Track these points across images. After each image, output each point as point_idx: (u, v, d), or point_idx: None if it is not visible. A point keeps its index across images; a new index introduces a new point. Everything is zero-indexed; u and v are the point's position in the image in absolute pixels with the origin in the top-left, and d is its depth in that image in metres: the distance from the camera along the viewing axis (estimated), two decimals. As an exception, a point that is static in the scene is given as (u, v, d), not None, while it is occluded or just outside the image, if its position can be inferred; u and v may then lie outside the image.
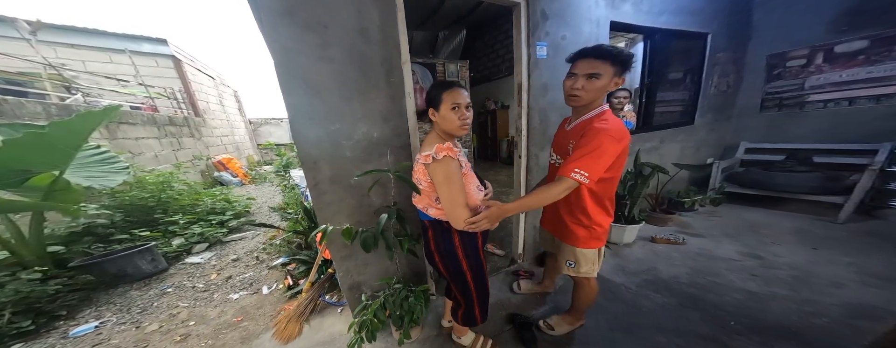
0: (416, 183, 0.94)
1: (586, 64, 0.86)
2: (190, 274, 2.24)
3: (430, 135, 0.92)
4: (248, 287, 2.00)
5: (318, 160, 1.17)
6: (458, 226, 0.85)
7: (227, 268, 2.30)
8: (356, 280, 1.43)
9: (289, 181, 3.33)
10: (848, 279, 1.55)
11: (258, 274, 2.16)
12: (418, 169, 0.90)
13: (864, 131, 2.39)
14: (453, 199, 0.82)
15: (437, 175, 0.82)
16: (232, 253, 2.57)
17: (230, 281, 2.09)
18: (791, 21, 2.60)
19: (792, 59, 2.70)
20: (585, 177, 0.81)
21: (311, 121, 1.12)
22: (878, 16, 2.23)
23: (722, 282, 1.60)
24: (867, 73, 2.38)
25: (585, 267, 1.09)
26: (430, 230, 0.98)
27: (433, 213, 0.94)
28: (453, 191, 0.82)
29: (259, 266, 2.29)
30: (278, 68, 1.03)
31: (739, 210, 2.59)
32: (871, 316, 1.28)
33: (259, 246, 2.65)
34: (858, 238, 1.97)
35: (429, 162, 0.82)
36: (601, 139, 0.82)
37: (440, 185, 0.83)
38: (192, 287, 2.05)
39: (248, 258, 2.45)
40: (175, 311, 1.76)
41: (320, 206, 1.22)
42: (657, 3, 2.05)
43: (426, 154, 0.82)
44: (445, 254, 0.97)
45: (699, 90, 2.62)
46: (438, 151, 0.80)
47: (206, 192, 3.61)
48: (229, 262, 2.40)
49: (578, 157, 0.83)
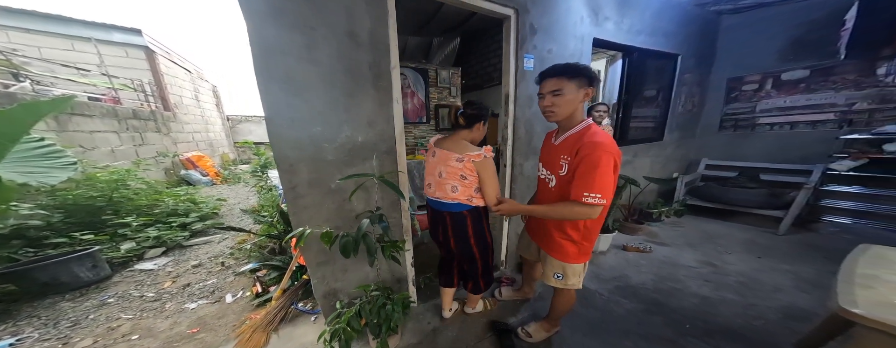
0: (460, 178, 1.13)
1: (548, 83, 0.95)
2: (139, 282, 2.04)
3: (456, 141, 1.16)
4: (210, 295, 1.86)
5: (297, 162, 1.12)
6: (491, 202, 1.12)
7: (185, 275, 2.12)
8: (332, 287, 1.38)
9: (266, 182, 3.15)
10: (785, 285, 1.74)
11: (222, 282, 2.01)
12: (465, 166, 1.10)
13: (803, 153, 2.70)
14: (495, 186, 1.12)
15: (487, 169, 1.10)
16: (193, 258, 2.38)
17: (188, 290, 1.93)
18: (749, 48, 2.87)
19: (747, 84, 2.99)
20: (600, 199, 0.85)
21: (292, 122, 1.08)
22: (817, 48, 2.52)
23: (681, 288, 1.74)
24: (806, 99, 2.69)
25: (573, 280, 1.11)
26: (469, 218, 1.19)
27: (475, 202, 1.16)
28: (495, 179, 1.11)
29: (224, 272, 2.14)
30: (258, 67, 0.98)
31: (699, 221, 2.82)
32: (800, 318, 1.45)
33: (226, 250, 2.47)
34: (795, 248, 2.21)
35: (479, 159, 1.08)
36: (597, 157, 0.85)
37: (488, 177, 1.10)
38: (140, 296, 1.86)
39: (211, 263, 2.28)
40: (115, 324, 1.58)
41: (296, 210, 1.17)
42: (636, 23, 2.19)
43: (477, 153, 1.08)
44: (480, 236, 1.22)
45: (669, 108, 2.82)
46: (487, 152, 1.09)
47: (169, 192, 3.33)
48: (188, 269, 2.21)
49: (586, 181, 0.86)
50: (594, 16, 1.92)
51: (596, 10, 1.92)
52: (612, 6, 2.00)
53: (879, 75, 2.16)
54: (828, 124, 2.62)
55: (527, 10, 1.60)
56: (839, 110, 2.55)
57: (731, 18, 2.88)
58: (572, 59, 1.90)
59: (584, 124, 0.97)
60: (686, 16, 2.57)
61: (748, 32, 2.85)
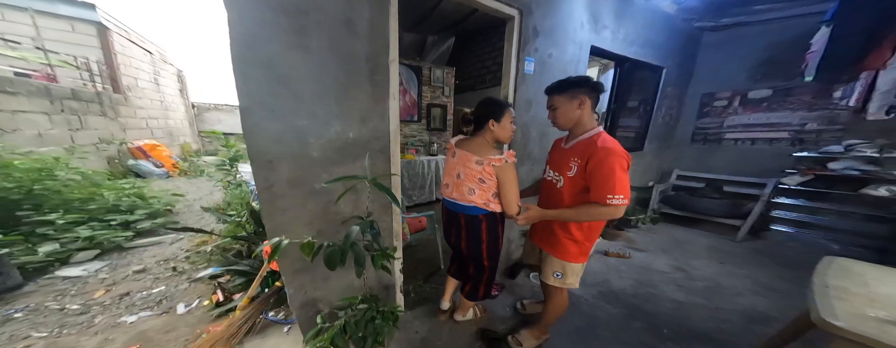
0: (478, 181, 1.09)
1: (548, 100, 1.06)
2: (60, 291, 1.73)
3: (477, 142, 1.11)
4: (156, 305, 1.63)
5: (277, 158, 0.99)
6: (511, 211, 1.08)
7: (123, 283, 1.84)
8: (311, 296, 1.27)
9: (235, 177, 2.84)
10: (745, 289, 1.89)
11: (173, 290, 1.78)
12: (484, 169, 1.06)
13: (760, 167, 2.96)
14: (515, 193, 1.07)
15: (508, 174, 1.05)
16: (136, 262, 2.08)
17: (126, 300, 1.67)
18: (723, 65, 3.07)
19: (718, 99, 3.20)
20: (623, 200, 0.89)
21: (273, 113, 0.94)
22: (782, 69, 2.73)
23: (657, 293, 1.83)
24: (767, 118, 2.94)
25: (571, 279, 1.14)
26: (485, 222, 1.16)
27: (492, 207, 1.12)
28: (516, 187, 1.07)
29: (176, 278, 1.89)
30: (236, 51, 0.84)
31: (671, 228, 3.01)
32: (760, 321, 1.58)
33: (179, 253, 2.20)
34: (751, 254, 2.43)
35: (500, 164, 1.04)
36: (612, 162, 0.89)
37: (507, 182, 1.05)
38: (61, 309, 1.57)
39: (160, 268, 2.00)
40: (21, 345, 1.32)
41: (271, 213, 1.04)
42: (631, 34, 2.23)
43: (499, 157, 1.04)
44: (493, 242, 1.20)
45: (650, 119, 2.95)
46: (509, 157, 1.05)
47: (110, 185, 2.87)
48: (129, 275, 1.92)
49: (608, 185, 0.89)
50: (594, 23, 1.92)
51: (596, 18, 1.92)
52: (611, 15, 2.01)
53: (835, 98, 2.39)
54: (783, 142, 2.89)
55: (531, 12, 1.55)
56: (793, 129, 2.82)
57: (711, 35, 3.06)
58: (570, 66, 1.89)
59: (594, 131, 1.02)
60: (674, 29, 2.67)
61: (724, 50, 3.04)
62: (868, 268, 1.04)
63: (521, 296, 1.76)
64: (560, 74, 1.85)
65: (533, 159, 1.90)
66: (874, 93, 1.97)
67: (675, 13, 2.55)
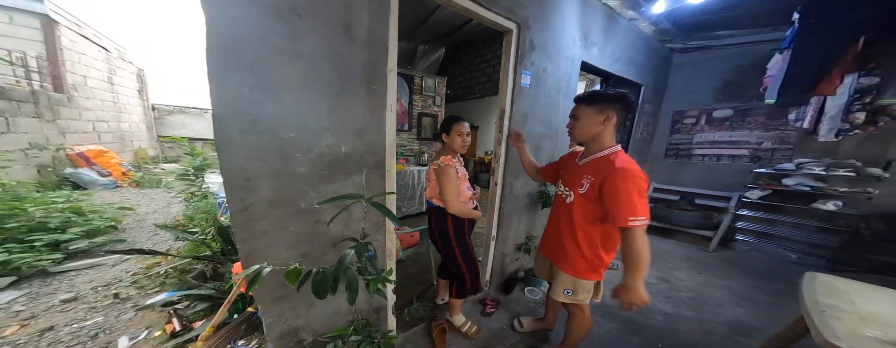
0: (426, 180, 1.38)
1: (574, 108, 1.06)
2: None
3: (438, 151, 1.35)
4: (90, 340, 1.37)
5: (256, 176, 0.86)
6: (451, 209, 1.25)
7: (45, 315, 1.54)
8: (293, 325, 1.12)
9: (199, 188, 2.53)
10: (724, 299, 1.98)
11: (113, 321, 1.51)
12: (429, 171, 1.36)
13: (726, 182, 3.20)
14: (449, 192, 1.24)
15: (441, 175, 1.23)
16: (65, 289, 1.76)
17: (48, 336, 1.39)
18: (691, 85, 3.32)
19: (687, 117, 3.45)
20: (644, 221, 0.87)
21: (254, 124, 0.82)
22: (740, 91, 3.00)
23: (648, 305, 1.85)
24: (729, 136, 3.20)
25: (582, 295, 1.11)
26: (433, 214, 1.37)
27: (436, 202, 1.34)
28: (450, 187, 1.23)
29: (118, 307, 1.62)
30: (213, 54, 0.73)
31: (653, 239, 3.08)
32: (743, 332, 1.63)
33: (123, 276, 1.89)
34: (723, 264, 2.58)
35: (436, 167, 1.26)
36: (629, 184, 0.87)
37: (443, 183, 1.24)
38: None
39: (97, 296, 1.71)
40: None
41: (248, 237, 0.90)
42: (616, 52, 2.33)
43: (436, 162, 1.27)
44: (441, 233, 1.36)
45: (630, 134, 3.09)
46: (444, 161, 1.24)
47: (37, 198, 2.44)
48: (54, 305, 1.61)
49: (628, 207, 0.87)
50: (584, 39, 1.98)
51: (586, 35, 1.98)
52: (599, 32, 2.09)
53: (789, 120, 2.66)
54: (743, 158, 3.15)
55: (528, 26, 1.56)
56: (751, 147, 3.09)
57: (681, 56, 3.31)
58: (563, 80, 1.92)
59: (612, 149, 0.99)
60: (651, 49, 2.85)
61: (692, 71, 3.30)
62: (851, 286, 1.09)
63: (517, 313, 1.70)
64: (554, 89, 1.87)
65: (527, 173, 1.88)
66: (823, 117, 2.21)
67: (651, 34, 2.73)
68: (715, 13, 2.41)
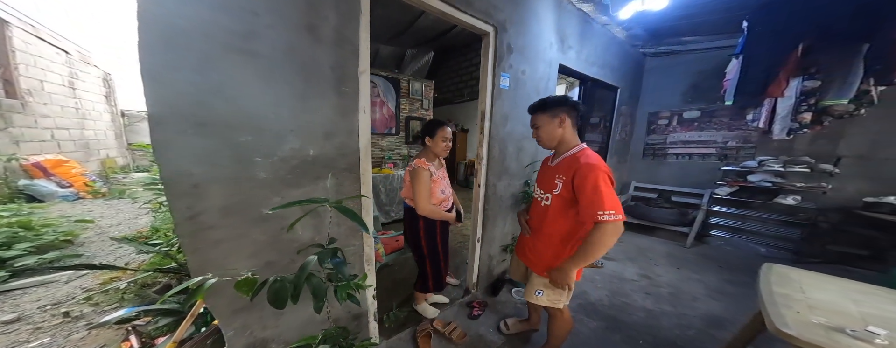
0: (403, 182, 1.41)
1: (531, 119, 1.10)
2: None
3: (424, 152, 1.37)
4: None
5: (205, 181, 0.80)
6: (421, 211, 1.29)
7: None
8: (260, 337, 1.05)
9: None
10: (700, 294, 2.04)
11: (62, 341, 1.39)
12: (406, 172, 1.36)
13: (697, 180, 3.35)
14: (420, 194, 1.26)
15: (414, 178, 1.27)
16: (8, 309, 1.61)
17: None
18: (662, 88, 3.48)
19: (661, 119, 3.61)
20: (615, 215, 0.86)
21: (201, 127, 0.76)
22: (705, 93, 3.17)
23: (630, 302, 1.88)
24: (698, 136, 3.37)
25: (553, 297, 1.11)
26: (408, 214, 1.41)
27: (409, 203, 1.36)
28: (421, 189, 1.26)
29: (68, 326, 1.48)
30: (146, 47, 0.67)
31: (633, 236, 3.22)
32: (717, 325, 1.68)
33: (77, 293, 1.74)
34: (699, 259, 2.68)
35: (409, 168, 1.32)
36: (595, 177, 0.89)
37: (415, 185, 1.26)
38: None
39: (44, 315, 1.56)
40: None
41: (198, 247, 0.83)
42: (592, 55, 2.41)
43: (411, 164, 1.31)
44: (412, 232, 1.41)
45: (610, 135, 3.19)
46: (418, 164, 1.28)
47: None
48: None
49: (595, 201, 0.87)
50: (561, 43, 2.03)
51: (562, 38, 2.03)
52: (575, 36, 2.15)
53: (748, 120, 2.83)
54: (712, 157, 3.32)
55: (505, 30, 1.58)
56: (718, 146, 3.26)
57: (653, 61, 3.47)
58: (541, 82, 1.95)
59: (578, 148, 1.03)
60: (625, 53, 2.97)
61: (663, 74, 3.46)
62: (802, 275, 1.15)
63: (504, 314, 1.68)
64: (533, 91, 1.90)
65: (510, 174, 1.88)
66: (776, 117, 2.36)
67: (624, 39, 2.85)
68: (676, 20, 2.55)
